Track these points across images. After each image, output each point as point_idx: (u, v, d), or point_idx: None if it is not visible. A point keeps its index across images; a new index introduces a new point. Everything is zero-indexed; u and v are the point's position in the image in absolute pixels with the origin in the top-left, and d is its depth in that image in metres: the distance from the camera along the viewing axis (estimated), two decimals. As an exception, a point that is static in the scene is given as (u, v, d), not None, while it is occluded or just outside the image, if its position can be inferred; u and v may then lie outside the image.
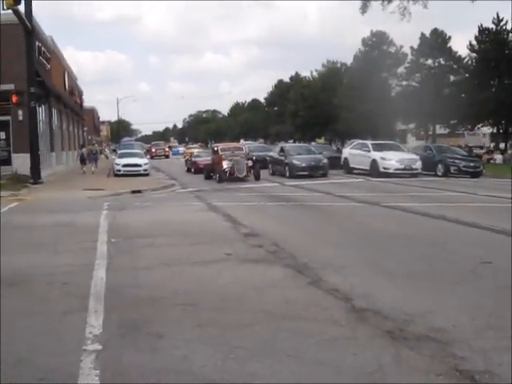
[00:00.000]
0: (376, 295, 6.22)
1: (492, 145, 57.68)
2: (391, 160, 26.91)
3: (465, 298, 6.21)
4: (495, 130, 55.87)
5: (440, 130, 60.73)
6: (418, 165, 27.19)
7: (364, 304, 5.90)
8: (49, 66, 33.30)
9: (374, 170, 27.22)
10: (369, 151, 28.26)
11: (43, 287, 6.91)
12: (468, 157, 30.99)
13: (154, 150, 67.92)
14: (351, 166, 29.83)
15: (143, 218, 13.15)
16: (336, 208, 15.04)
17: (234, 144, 35.24)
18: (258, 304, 5.99)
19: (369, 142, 30.94)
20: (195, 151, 41.42)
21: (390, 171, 26.52)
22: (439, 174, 27.62)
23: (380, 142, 33.90)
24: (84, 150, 40.59)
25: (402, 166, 26.82)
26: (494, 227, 10.85)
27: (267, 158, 31.19)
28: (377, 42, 64.40)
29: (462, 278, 7.04)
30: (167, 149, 72.49)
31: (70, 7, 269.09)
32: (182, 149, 75.36)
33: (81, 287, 6.83)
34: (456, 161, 27.92)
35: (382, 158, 27.04)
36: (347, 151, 31.46)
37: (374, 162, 27.35)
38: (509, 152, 45.81)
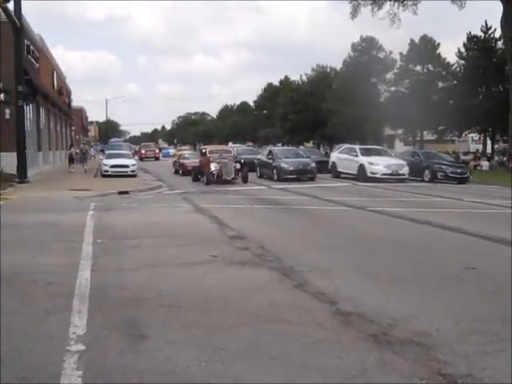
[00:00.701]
0: (361, 299, 6.23)
1: (479, 149, 58.05)
2: (379, 165, 27.00)
3: (449, 302, 6.24)
4: (482, 137, 56.26)
5: (428, 135, 61.09)
6: (405, 170, 27.29)
7: (349, 307, 5.91)
8: (37, 65, 33.13)
9: (361, 175, 27.29)
10: (356, 156, 28.39)
11: (27, 286, 6.85)
12: (455, 163, 31.14)
13: (143, 152, 64.50)
14: (339, 170, 29.86)
15: (129, 219, 13.10)
16: (323, 212, 15.07)
17: (223, 146, 35.22)
18: (243, 306, 5.98)
19: (357, 147, 31.09)
20: (186, 153, 41.17)
21: (378, 176, 26.60)
22: (426, 179, 27.76)
23: (368, 146, 34.12)
24: (72, 149, 40.79)
25: (389, 171, 26.92)
26: (479, 233, 10.92)
27: (255, 161, 31.19)
28: (366, 48, 64.77)
29: (446, 283, 7.08)
30: (157, 150, 68.94)
31: (60, 6, 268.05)
32: (172, 150, 71.45)
33: (65, 287, 6.78)
34: (443, 167, 28.07)
35: (370, 163, 27.14)
36: (335, 155, 31.59)
37: (361, 167, 27.42)
38: (495, 159, 46.14)
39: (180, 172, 33.07)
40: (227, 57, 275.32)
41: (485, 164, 40.41)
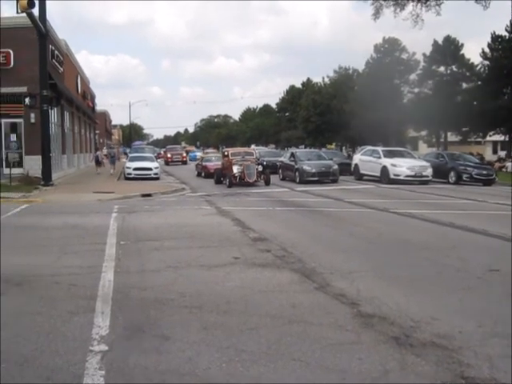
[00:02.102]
0: (383, 301, 6.20)
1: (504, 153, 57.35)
2: (402, 167, 26.85)
3: (471, 304, 6.18)
4: (507, 138, 55.55)
5: (452, 137, 60.49)
6: (429, 172, 27.11)
7: (370, 309, 5.89)
8: (62, 69, 33.54)
9: (384, 177, 27.20)
10: (379, 158, 28.24)
11: (50, 288, 6.94)
12: (480, 164, 30.65)
13: (169, 156, 57.86)
14: (361, 172, 29.74)
15: (152, 221, 13.19)
16: (345, 214, 15.01)
17: (245, 149, 35.26)
18: (265, 308, 5.99)
19: (379, 149, 30.83)
20: (209, 156, 41.14)
21: (401, 178, 26.47)
22: (451, 181, 27.42)
23: (391, 148, 33.84)
24: (99, 152, 42.24)
25: (413, 173, 26.71)
26: (503, 235, 10.80)
27: (278, 164, 31.22)
28: (389, 49, 64.33)
29: (469, 285, 7.01)
30: (185, 154, 60.83)
31: (83, 11, 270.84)
32: (199, 154, 62.11)
33: (88, 289, 6.86)
34: (468, 168, 27.65)
35: (393, 165, 27.01)
36: (358, 157, 31.39)
37: (384, 169, 27.30)
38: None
39: (203, 174, 33.20)
40: (249, 59, 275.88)
41: (510, 165, 39.89)
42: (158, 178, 30.93)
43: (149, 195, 20.60)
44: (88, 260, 8.64)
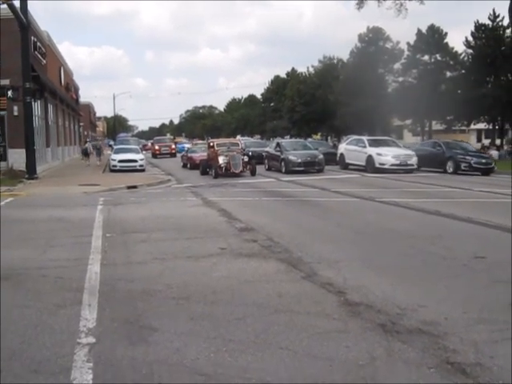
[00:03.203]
0: (369, 289, 6.24)
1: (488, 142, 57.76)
2: (387, 156, 26.89)
3: (457, 291, 6.24)
4: (491, 127, 55.91)
5: (436, 126, 60.75)
6: (414, 160, 27.14)
7: (357, 298, 5.92)
8: (44, 61, 33.21)
9: (369, 166, 27.21)
10: (365, 147, 28.23)
11: (37, 281, 6.91)
12: (479, 153, 29.80)
13: (157, 148, 53.73)
14: (347, 161, 29.72)
15: (138, 213, 13.15)
16: (331, 203, 15.07)
17: (230, 139, 35.16)
18: (252, 298, 6.00)
19: (365, 138, 30.85)
20: (194, 147, 40.94)
21: (386, 167, 26.49)
22: (449, 171, 26.70)
23: (376, 137, 33.92)
24: (87, 144, 42.73)
25: (398, 162, 26.78)
26: (488, 222, 10.90)
27: (263, 154, 31.21)
28: (373, 38, 64.26)
29: (455, 273, 7.07)
30: (174, 145, 56.01)
31: (66, 2, 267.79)
32: (187, 145, 54.86)
33: (75, 281, 6.83)
34: (467, 157, 26.81)
35: (378, 154, 27.03)
36: (343, 147, 31.38)
37: (369, 158, 27.31)
38: (504, 148, 45.86)
39: (188, 166, 33.11)
40: (234, 50, 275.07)
41: (494, 153, 40.11)
42: (143, 170, 30.82)
43: (134, 187, 20.52)
44: (74, 253, 8.60)
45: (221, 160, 25.26)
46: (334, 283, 6.50)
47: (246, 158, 25.92)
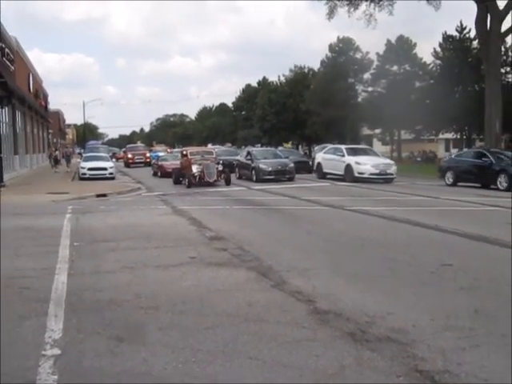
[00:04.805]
0: (338, 297, 6.26)
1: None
2: (366, 165, 26.26)
3: (425, 299, 6.28)
4: (459, 136, 56.81)
5: (405, 135, 61.52)
6: (393, 170, 26.63)
7: (326, 306, 5.93)
8: (12, 68, 32.76)
9: (348, 175, 26.61)
10: (343, 156, 27.65)
11: (2, 292, 6.75)
12: None
13: (130, 156, 49.96)
14: (324, 171, 29.01)
15: (107, 222, 13.00)
16: (301, 211, 15.11)
17: (204, 148, 34.94)
18: (221, 307, 5.96)
19: (343, 147, 30.07)
20: (165, 155, 40.52)
21: (365, 176, 26.01)
22: (501, 187, 21.77)
23: (354, 146, 33.34)
24: (57, 152, 43.81)
25: (377, 171, 26.22)
26: (456, 230, 11.03)
27: (234, 162, 31.17)
28: (343, 48, 64.95)
29: (422, 280, 7.13)
30: (148, 154, 51.53)
31: (35, 8, 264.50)
32: (162, 153, 46.81)
33: (41, 292, 6.72)
34: None
35: (357, 163, 26.40)
36: (320, 156, 30.60)
37: (348, 167, 26.69)
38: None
39: (159, 174, 32.91)
40: (205, 58, 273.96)
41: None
42: (113, 178, 30.59)
43: (104, 195, 20.33)
44: (41, 262, 8.46)
45: (194, 169, 24.68)
46: (303, 291, 6.50)
47: (220, 167, 25.49)
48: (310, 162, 36.50)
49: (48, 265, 8.20)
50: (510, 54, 48.29)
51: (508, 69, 48.77)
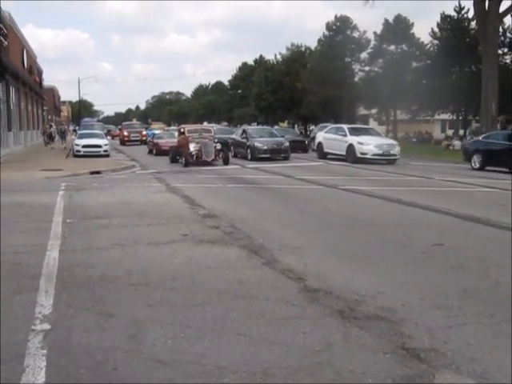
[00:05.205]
0: (329, 276, 6.28)
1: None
2: (369, 145, 25.39)
3: (415, 278, 6.31)
4: (455, 117, 56.74)
5: (401, 115, 61.38)
6: (397, 151, 25.86)
7: (316, 284, 5.95)
8: (6, 43, 32.41)
9: (350, 156, 25.79)
10: (345, 135, 26.78)
11: (-7, 267, 6.76)
12: None
13: (126, 134, 48.92)
14: (325, 150, 28.29)
15: (100, 199, 12.98)
16: (294, 190, 15.12)
17: (202, 126, 34.42)
18: (211, 284, 5.98)
19: (345, 126, 28.97)
20: (160, 132, 40.28)
21: (368, 156, 25.18)
22: None
23: (356, 126, 32.86)
24: (53, 128, 43.61)
25: (381, 152, 25.32)
26: (449, 210, 11.06)
27: (229, 141, 31.03)
28: (341, 27, 64.48)
29: (413, 260, 7.16)
30: (145, 132, 49.75)
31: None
32: (158, 131, 45.99)
33: (32, 267, 6.72)
34: None
35: (360, 143, 25.56)
36: (321, 135, 29.67)
37: (350, 147, 25.83)
38: (467, 138, 46.59)
39: (154, 152, 32.78)
40: (201, 36, 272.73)
41: (457, 144, 40.74)
42: (107, 156, 30.48)
43: (98, 172, 20.28)
44: (33, 238, 8.46)
45: (192, 147, 23.76)
46: (294, 270, 6.52)
47: (218, 146, 24.77)
48: (307, 142, 36.47)
49: (40, 241, 8.19)
50: (507, 34, 48.07)
51: (505, 50, 48.56)
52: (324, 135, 29.32)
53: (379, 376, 3.88)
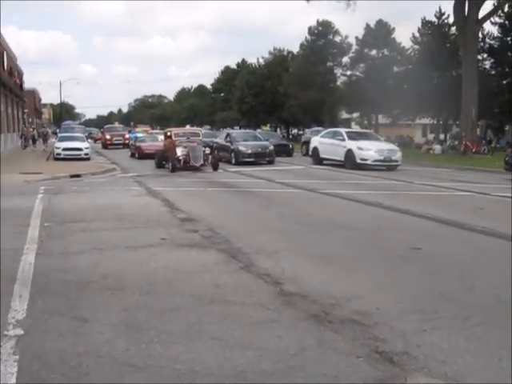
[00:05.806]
0: (306, 280, 6.30)
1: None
2: (369, 150, 23.96)
3: (392, 282, 6.35)
4: (436, 122, 57.21)
5: (382, 119, 61.77)
6: (398, 156, 24.52)
7: (293, 288, 5.96)
8: (-15, 45, 32.17)
9: (349, 161, 24.29)
10: (343, 140, 25.28)
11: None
12: None
13: (108, 137, 47.28)
14: (322, 156, 26.86)
15: (79, 203, 12.91)
16: (274, 194, 15.13)
17: (190, 129, 33.80)
18: (188, 288, 5.97)
19: (343, 130, 27.82)
20: (143, 136, 40.08)
21: (368, 162, 23.75)
22: None
23: (355, 130, 32.50)
24: (35, 132, 44.80)
25: (382, 158, 23.90)
26: (427, 214, 11.14)
27: (212, 144, 30.85)
28: (323, 32, 64.84)
29: (391, 264, 7.20)
30: (127, 135, 48.47)
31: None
32: (141, 135, 44.22)
33: (7, 272, 6.65)
34: None
35: (359, 148, 24.15)
36: (317, 140, 28.15)
37: (349, 153, 24.34)
38: (448, 142, 46.96)
39: (136, 155, 32.52)
40: (185, 39, 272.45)
41: (437, 148, 41.05)
42: (88, 159, 30.28)
43: (78, 176, 20.14)
44: (9, 243, 8.35)
45: (179, 152, 22.63)
46: (271, 274, 6.53)
47: (207, 150, 23.97)
48: (291, 146, 36.48)
49: (16, 245, 8.11)
50: (487, 40, 48.59)
51: (485, 55, 49.06)
52: (320, 140, 27.89)
53: (351, 379, 3.90)
